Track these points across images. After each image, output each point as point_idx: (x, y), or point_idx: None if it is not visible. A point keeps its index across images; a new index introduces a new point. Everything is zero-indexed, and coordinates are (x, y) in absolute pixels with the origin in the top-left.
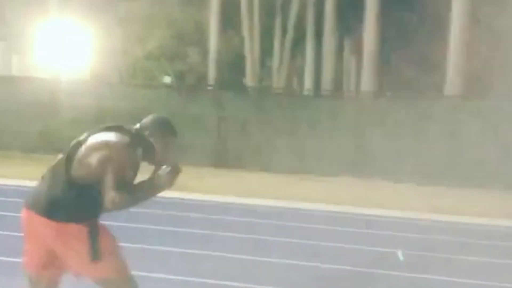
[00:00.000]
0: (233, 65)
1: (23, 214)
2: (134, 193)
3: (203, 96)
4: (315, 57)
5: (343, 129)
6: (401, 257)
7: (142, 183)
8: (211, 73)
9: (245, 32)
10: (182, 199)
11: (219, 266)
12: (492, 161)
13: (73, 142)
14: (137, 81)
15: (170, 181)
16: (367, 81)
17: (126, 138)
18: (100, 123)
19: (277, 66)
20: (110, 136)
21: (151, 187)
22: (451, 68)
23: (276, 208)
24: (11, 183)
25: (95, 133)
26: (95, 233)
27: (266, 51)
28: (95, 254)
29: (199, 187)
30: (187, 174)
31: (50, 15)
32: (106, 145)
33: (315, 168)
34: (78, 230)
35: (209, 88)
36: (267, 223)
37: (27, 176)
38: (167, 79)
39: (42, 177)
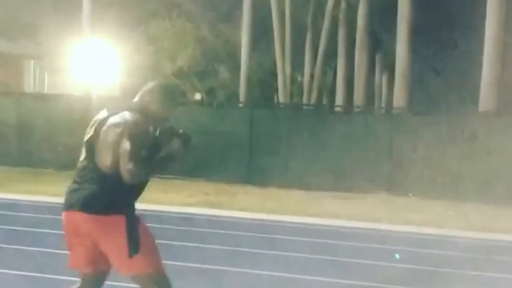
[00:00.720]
0: (264, 82)
1: (63, 216)
2: (150, 164)
3: (234, 113)
4: (346, 73)
5: (375, 145)
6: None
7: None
8: (242, 90)
9: (277, 49)
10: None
11: (256, 283)
12: None
13: (87, 136)
14: None
15: (182, 149)
16: (399, 97)
17: (135, 116)
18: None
19: (308, 82)
20: (119, 117)
21: (165, 157)
22: (485, 84)
23: (313, 225)
24: (45, 200)
25: (103, 120)
26: (133, 224)
27: (297, 67)
28: (134, 247)
29: (234, 204)
30: (221, 191)
31: (82, 34)
32: (117, 125)
33: (347, 184)
34: (116, 222)
35: (240, 105)
36: (309, 241)
37: (60, 193)
38: (198, 96)
39: (74, 178)
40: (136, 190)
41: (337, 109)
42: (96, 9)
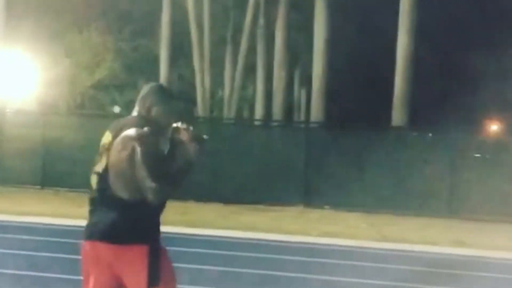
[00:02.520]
0: (184, 95)
1: (83, 247)
2: (171, 177)
3: None
4: (266, 88)
5: (292, 159)
6: None
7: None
8: None
9: (196, 63)
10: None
11: None
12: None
13: (98, 167)
14: (85, 111)
15: (199, 151)
16: (316, 111)
17: (141, 129)
18: (47, 153)
19: (228, 96)
20: (127, 137)
21: (184, 165)
22: (396, 99)
23: (230, 238)
24: None
25: (110, 145)
26: (156, 254)
27: (217, 82)
28: (154, 279)
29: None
30: None
31: None
32: (126, 147)
33: (265, 197)
34: (139, 252)
35: None
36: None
37: None
38: (116, 109)
39: (89, 210)
40: (159, 212)
41: (256, 122)
42: (11, 21)
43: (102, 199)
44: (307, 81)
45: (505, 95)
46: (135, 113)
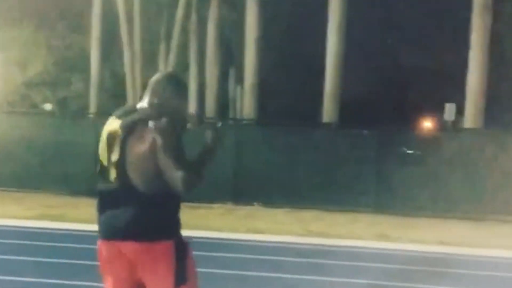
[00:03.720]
0: (117, 92)
1: (101, 246)
2: (195, 166)
3: (83, 124)
4: (199, 86)
5: (222, 156)
6: None
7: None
8: (93, 100)
9: (126, 59)
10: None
11: None
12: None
13: (114, 157)
14: (17, 109)
15: (216, 140)
16: (248, 108)
17: (160, 118)
18: None
19: None
20: (145, 127)
21: (204, 154)
22: (327, 96)
23: None
24: None
25: (127, 136)
26: (182, 251)
27: (150, 78)
28: (181, 277)
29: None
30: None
31: None
32: (146, 137)
33: (193, 194)
34: (164, 248)
35: (90, 115)
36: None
37: None
38: (48, 106)
39: (102, 204)
40: (180, 206)
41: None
42: None
43: (120, 193)
44: (242, 78)
45: (437, 92)
46: (145, 103)
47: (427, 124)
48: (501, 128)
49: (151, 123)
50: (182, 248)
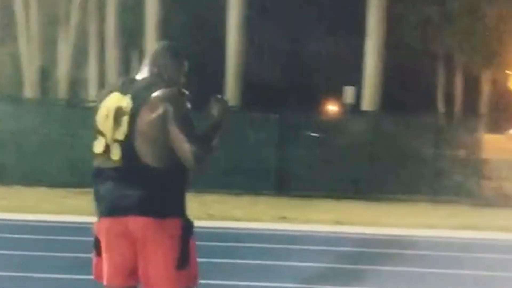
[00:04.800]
0: (12, 77)
1: (103, 224)
2: (206, 138)
3: None
4: (99, 69)
5: None
6: None
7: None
8: None
9: (22, 43)
10: None
11: None
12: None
13: (119, 134)
14: None
15: (223, 114)
16: None
17: (167, 91)
18: None
19: (63, 77)
20: (154, 100)
21: (212, 128)
22: (229, 78)
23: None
24: None
25: (133, 110)
26: (188, 230)
27: (50, 62)
28: (185, 258)
29: None
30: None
31: None
32: (156, 109)
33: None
34: (173, 226)
35: None
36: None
37: None
38: None
39: (103, 182)
40: (187, 182)
41: (90, 104)
42: None
43: (127, 169)
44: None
45: (339, 76)
46: (145, 73)
47: (330, 107)
48: (398, 110)
49: (161, 92)
50: (188, 227)
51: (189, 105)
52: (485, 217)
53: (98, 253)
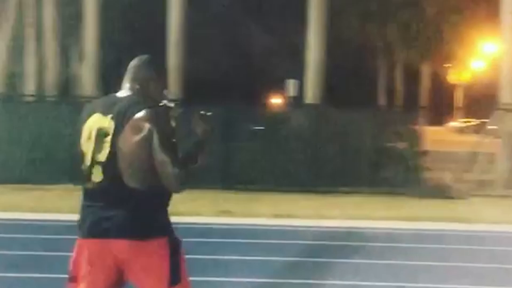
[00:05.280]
0: None
1: (85, 246)
2: (189, 160)
3: None
4: (37, 63)
5: (60, 135)
6: None
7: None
8: None
9: None
10: None
11: None
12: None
13: (102, 156)
14: None
15: (208, 131)
16: (89, 86)
17: (150, 109)
18: None
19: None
20: (137, 120)
21: (196, 146)
22: (171, 73)
23: None
24: None
25: (116, 130)
26: (176, 247)
27: None
28: (176, 276)
29: None
30: None
31: None
32: (139, 130)
33: (34, 176)
34: (160, 246)
35: None
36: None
37: None
38: None
39: (87, 203)
40: (170, 201)
41: (28, 98)
42: None
43: (110, 191)
44: (83, 55)
45: (282, 69)
46: (127, 90)
47: (274, 100)
48: (340, 103)
49: (144, 113)
50: (175, 244)
51: (173, 124)
52: (426, 208)
53: (74, 280)
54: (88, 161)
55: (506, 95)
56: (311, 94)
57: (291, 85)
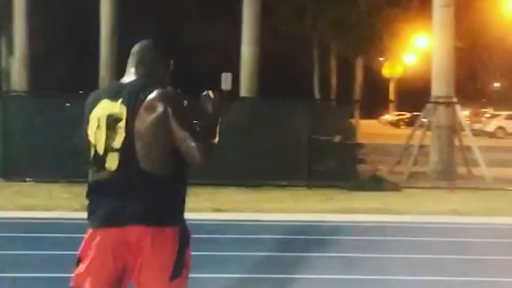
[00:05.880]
0: None
1: (98, 236)
2: (208, 134)
3: None
4: None
5: None
6: None
7: (199, 125)
8: None
9: None
10: None
11: None
12: None
13: (117, 142)
14: None
15: (219, 105)
16: (19, 81)
17: (162, 89)
18: None
19: None
20: (152, 101)
21: (211, 123)
22: (103, 67)
23: None
24: None
25: (131, 115)
26: (185, 238)
27: None
28: (179, 268)
29: None
30: None
31: None
32: (152, 106)
33: None
34: (171, 234)
35: None
36: None
37: None
38: None
39: (99, 194)
40: (187, 186)
41: None
42: None
43: (126, 178)
44: (13, 49)
45: (218, 63)
46: (133, 74)
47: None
48: (275, 96)
49: (158, 92)
50: (185, 234)
51: (186, 103)
52: (361, 200)
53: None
54: (101, 150)
55: (437, 89)
56: (246, 88)
57: (226, 78)
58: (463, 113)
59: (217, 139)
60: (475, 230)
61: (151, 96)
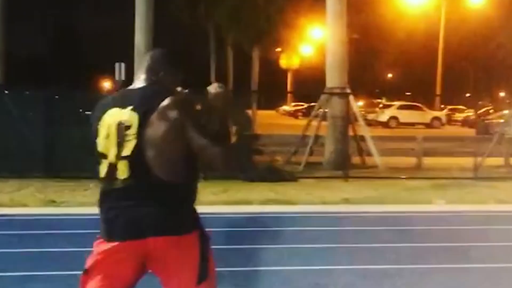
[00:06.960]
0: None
1: (111, 248)
2: (223, 134)
3: None
4: None
5: None
6: None
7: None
8: None
9: None
10: None
11: None
12: None
13: (126, 150)
14: None
15: (227, 98)
16: None
17: (176, 97)
18: None
19: None
20: (163, 105)
21: (221, 119)
22: None
23: None
24: None
25: (142, 124)
26: (205, 242)
27: None
28: (205, 272)
29: None
30: None
31: None
32: (165, 113)
33: None
34: (192, 241)
35: None
36: None
37: None
38: None
39: (111, 204)
40: (197, 192)
41: None
42: None
43: (137, 187)
44: None
45: (113, 52)
46: (143, 82)
47: (105, 84)
48: None
49: (170, 99)
50: (205, 239)
51: (199, 107)
52: (258, 191)
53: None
54: (112, 158)
55: (331, 80)
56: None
57: (119, 69)
58: (357, 104)
59: (232, 139)
60: (366, 219)
61: (164, 103)
